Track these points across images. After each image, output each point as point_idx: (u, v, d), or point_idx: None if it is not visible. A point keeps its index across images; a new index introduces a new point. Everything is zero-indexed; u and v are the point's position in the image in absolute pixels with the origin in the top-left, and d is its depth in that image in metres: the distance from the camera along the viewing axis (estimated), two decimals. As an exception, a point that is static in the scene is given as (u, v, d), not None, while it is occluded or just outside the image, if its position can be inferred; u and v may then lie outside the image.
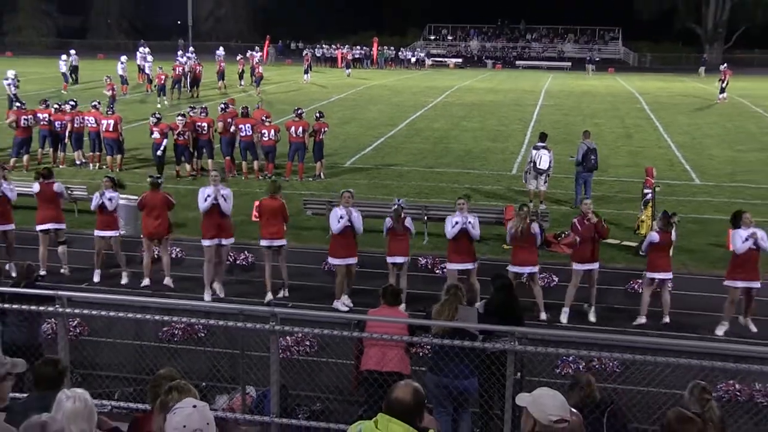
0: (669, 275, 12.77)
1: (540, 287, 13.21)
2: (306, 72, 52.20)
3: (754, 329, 12.39)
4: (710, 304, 13.01)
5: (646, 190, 17.61)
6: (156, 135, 21.75)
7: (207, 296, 13.59)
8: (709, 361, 7.41)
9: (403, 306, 11.94)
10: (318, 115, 23.07)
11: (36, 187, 14.52)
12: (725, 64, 48.38)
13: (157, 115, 22.37)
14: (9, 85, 31.36)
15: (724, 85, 43.72)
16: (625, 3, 76.47)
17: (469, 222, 13.01)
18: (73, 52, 45.39)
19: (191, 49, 50.21)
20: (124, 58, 42.99)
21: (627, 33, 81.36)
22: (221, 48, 50.23)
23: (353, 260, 13.44)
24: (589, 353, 8.56)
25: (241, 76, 47.80)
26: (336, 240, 13.32)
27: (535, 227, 12.97)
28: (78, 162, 23.78)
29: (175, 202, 14.67)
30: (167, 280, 14.03)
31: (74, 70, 45.43)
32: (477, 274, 13.15)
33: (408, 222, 13.38)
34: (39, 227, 14.40)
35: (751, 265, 12.36)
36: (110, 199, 14.16)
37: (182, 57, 43.51)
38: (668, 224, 12.85)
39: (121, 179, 15.35)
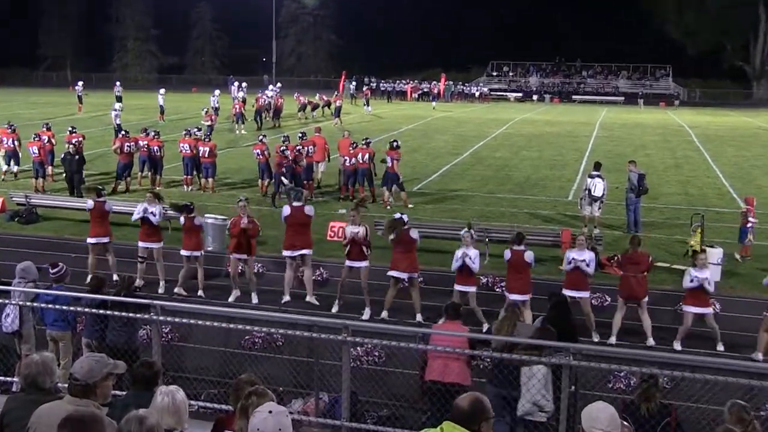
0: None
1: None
2: (366, 104, 52.16)
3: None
4: (756, 326, 12.52)
5: (752, 219, 17.10)
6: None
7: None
8: (758, 381, 7.13)
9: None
10: (394, 144, 22.47)
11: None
12: None
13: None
14: (116, 116, 32.22)
15: None
16: (676, 42, 75.21)
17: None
18: (162, 90, 44.81)
19: (278, 84, 50.06)
20: (217, 92, 43.64)
21: (677, 70, 79.90)
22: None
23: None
24: (640, 369, 8.31)
25: (314, 108, 46.20)
26: None
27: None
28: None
29: (259, 227, 14.66)
30: (253, 296, 13.97)
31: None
32: (534, 292, 12.84)
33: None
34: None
35: None
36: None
37: (267, 90, 43.82)
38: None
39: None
